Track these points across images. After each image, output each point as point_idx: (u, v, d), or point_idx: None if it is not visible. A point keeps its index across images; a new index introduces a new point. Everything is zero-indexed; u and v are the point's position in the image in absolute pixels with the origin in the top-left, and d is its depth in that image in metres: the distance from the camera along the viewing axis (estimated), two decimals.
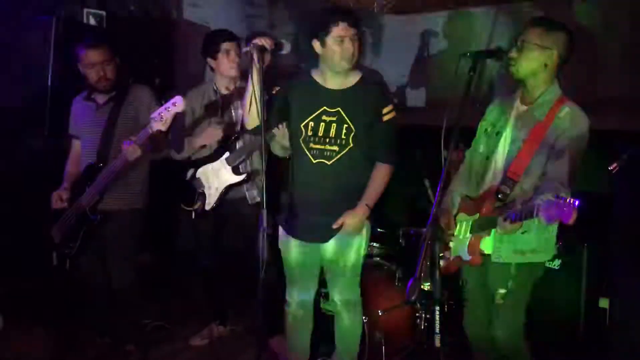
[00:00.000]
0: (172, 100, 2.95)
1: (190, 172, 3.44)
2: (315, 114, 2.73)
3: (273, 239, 3.05)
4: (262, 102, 2.52)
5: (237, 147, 3.37)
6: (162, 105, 2.98)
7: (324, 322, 3.11)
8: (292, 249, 2.89)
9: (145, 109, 3.24)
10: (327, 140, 2.72)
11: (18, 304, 3.80)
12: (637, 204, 2.91)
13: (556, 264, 3.17)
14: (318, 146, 2.73)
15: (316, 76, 2.79)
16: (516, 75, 2.49)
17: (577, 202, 1.97)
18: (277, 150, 2.91)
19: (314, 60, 2.78)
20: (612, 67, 3.82)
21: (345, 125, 2.71)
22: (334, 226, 2.77)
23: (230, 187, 3.36)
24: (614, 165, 2.68)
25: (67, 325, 3.62)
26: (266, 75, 2.58)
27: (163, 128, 2.97)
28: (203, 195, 3.37)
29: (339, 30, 2.61)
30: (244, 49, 2.55)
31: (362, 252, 2.89)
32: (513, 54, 2.45)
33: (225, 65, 3.37)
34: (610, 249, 2.94)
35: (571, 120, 2.40)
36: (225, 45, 3.35)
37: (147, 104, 3.29)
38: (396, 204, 4.30)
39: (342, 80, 2.75)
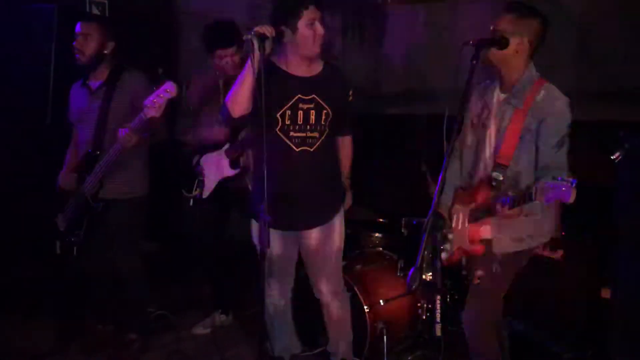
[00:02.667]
0: (164, 87, 2.91)
1: (196, 159, 3.45)
2: (291, 102, 2.70)
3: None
4: (262, 92, 2.48)
5: (238, 139, 3.37)
6: (154, 91, 2.94)
7: (320, 312, 3.07)
8: (273, 239, 2.78)
9: (139, 94, 3.15)
10: (308, 127, 2.72)
11: (21, 292, 3.82)
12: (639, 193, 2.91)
13: (558, 254, 3.16)
14: (299, 134, 2.72)
15: (281, 64, 2.74)
16: (487, 62, 2.50)
17: (574, 181, 2.00)
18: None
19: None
20: (613, 56, 3.79)
21: (324, 111, 2.73)
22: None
23: (226, 179, 3.37)
24: (617, 154, 2.67)
25: (69, 313, 3.64)
26: None
27: (157, 114, 2.94)
28: (202, 183, 3.39)
29: (310, 13, 2.59)
30: (245, 37, 2.53)
31: (344, 234, 2.94)
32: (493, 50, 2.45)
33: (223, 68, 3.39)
34: (612, 239, 2.93)
35: (550, 104, 2.43)
36: (220, 53, 3.35)
37: (142, 88, 3.21)
38: (397, 194, 4.30)
39: (309, 67, 2.75)
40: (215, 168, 3.38)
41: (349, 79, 2.93)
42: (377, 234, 3.82)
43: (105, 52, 3.24)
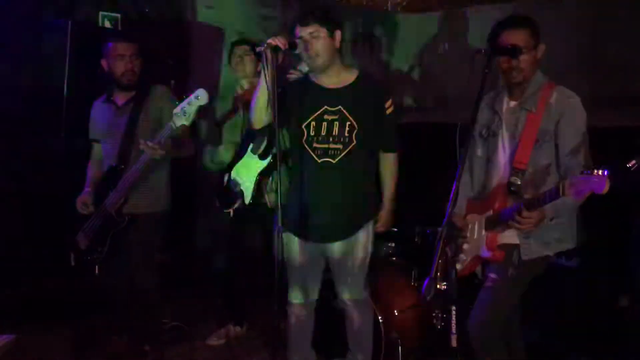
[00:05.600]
0: (195, 94, 2.90)
1: (226, 177, 3.48)
2: (317, 113, 2.72)
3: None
4: (274, 103, 2.50)
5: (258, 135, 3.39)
6: (183, 99, 2.94)
7: (336, 322, 3.08)
8: (296, 249, 2.85)
9: (168, 108, 3.15)
10: (331, 138, 2.72)
11: (37, 304, 3.84)
12: None
13: (574, 262, 3.13)
14: (322, 145, 2.73)
15: (313, 77, 2.80)
16: (518, 81, 2.51)
17: (606, 172, 1.94)
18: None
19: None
20: (624, 63, 3.78)
21: (348, 123, 2.72)
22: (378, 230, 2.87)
23: (261, 175, 3.37)
24: (633, 162, 2.65)
25: (85, 324, 3.66)
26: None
27: (187, 123, 2.93)
28: (241, 192, 3.40)
29: (298, 31, 2.66)
30: (258, 49, 2.55)
31: (370, 248, 2.89)
32: (521, 63, 2.46)
33: (234, 67, 3.55)
34: (628, 247, 2.90)
35: (565, 103, 2.44)
36: (235, 50, 3.51)
37: (169, 103, 3.22)
38: (412, 203, 4.29)
39: (338, 78, 2.77)
40: (248, 171, 3.40)
41: (387, 89, 2.87)
42: (390, 243, 3.81)
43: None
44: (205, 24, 5.05)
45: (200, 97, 2.90)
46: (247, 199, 3.39)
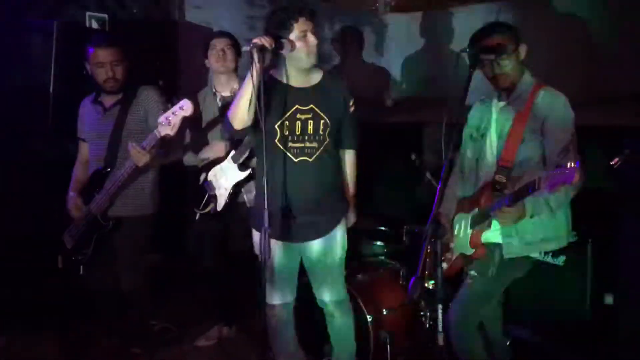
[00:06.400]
0: (180, 104, 2.91)
1: (202, 177, 3.46)
2: (289, 113, 2.71)
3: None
4: (261, 104, 2.47)
5: (242, 143, 3.37)
6: (169, 108, 2.95)
7: (324, 322, 3.06)
8: (274, 250, 2.79)
9: (154, 111, 3.18)
10: (306, 137, 2.72)
11: (25, 307, 3.82)
12: None
13: (560, 260, 3.15)
14: (298, 144, 2.72)
15: (279, 77, 2.76)
16: (505, 86, 2.54)
17: (577, 163, 1.98)
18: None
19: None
20: (622, 61, 3.80)
21: (322, 121, 2.73)
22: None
23: (238, 185, 3.37)
24: (616, 160, 2.67)
25: (74, 327, 3.64)
26: None
27: (171, 132, 2.93)
28: (215, 197, 3.39)
29: (300, 25, 2.61)
30: (244, 48, 2.53)
31: (346, 245, 2.91)
32: (503, 69, 2.48)
33: (213, 63, 3.44)
34: (615, 244, 2.92)
35: (551, 102, 2.46)
36: (214, 42, 3.42)
37: (156, 105, 3.23)
38: (399, 202, 4.30)
39: (307, 77, 2.76)
40: (225, 178, 3.38)
41: (350, 89, 2.88)
42: (378, 243, 3.81)
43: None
44: (194, 24, 5.04)
45: (184, 107, 2.92)
46: (220, 206, 3.39)
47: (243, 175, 3.35)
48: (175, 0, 5.05)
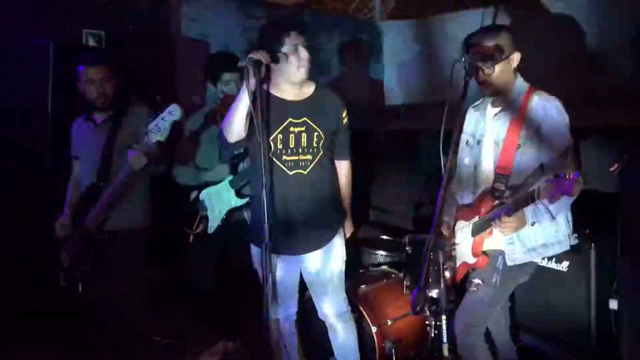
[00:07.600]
0: (168, 109, 2.89)
1: (193, 194, 3.44)
2: (282, 126, 2.71)
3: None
4: (258, 118, 2.47)
5: (240, 169, 3.37)
6: (158, 115, 2.92)
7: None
8: (274, 264, 2.77)
9: (144, 126, 3.14)
10: (300, 150, 2.72)
11: (25, 323, 3.80)
12: None
13: (564, 265, 3.14)
14: (292, 157, 2.72)
15: (272, 90, 2.76)
16: (494, 92, 2.54)
17: (576, 174, 1.99)
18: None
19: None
20: (621, 63, 3.79)
21: (316, 133, 2.73)
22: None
23: (232, 211, 3.36)
24: (615, 166, 2.66)
25: (73, 342, 3.62)
26: None
27: (162, 139, 2.92)
28: (206, 218, 3.37)
29: (292, 39, 2.62)
30: (240, 63, 2.53)
31: (345, 256, 2.91)
32: (492, 75, 2.48)
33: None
34: (618, 248, 2.90)
35: (545, 106, 2.46)
36: (225, 76, 3.44)
37: (146, 121, 3.15)
38: (401, 211, 4.29)
39: (299, 90, 2.77)
40: (220, 201, 3.37)
41: (342, 100, 2.88)
42: (381, 252, 3.80)
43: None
44: (190, 38, 5.04)
45: (173, 112, 2.90)
46: (212, 229, 3.38)
47: (240, 202, 3.35)
48: (172, 14, 5.06)
